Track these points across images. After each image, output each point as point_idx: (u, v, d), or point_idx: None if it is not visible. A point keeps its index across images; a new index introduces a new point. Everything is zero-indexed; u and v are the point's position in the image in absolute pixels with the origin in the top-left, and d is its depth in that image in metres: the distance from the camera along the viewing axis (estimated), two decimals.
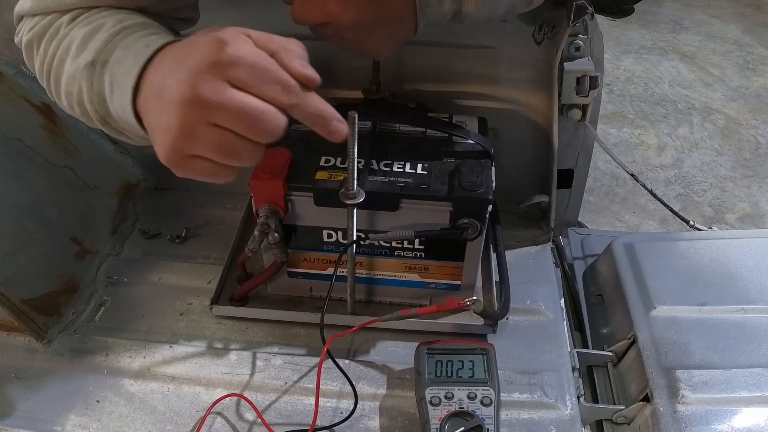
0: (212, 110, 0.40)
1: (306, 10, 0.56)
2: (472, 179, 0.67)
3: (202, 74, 0.39)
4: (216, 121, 0.40)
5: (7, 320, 0.76)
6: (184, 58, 0.42)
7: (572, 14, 0.70)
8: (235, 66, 0.40)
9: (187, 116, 0.40)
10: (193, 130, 0.40)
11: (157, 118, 0.42)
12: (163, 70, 0.43)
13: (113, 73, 0.48)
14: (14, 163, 0.82)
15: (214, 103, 0.39)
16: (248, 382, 0.73)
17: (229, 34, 0.41)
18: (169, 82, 0.41)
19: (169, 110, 0.40)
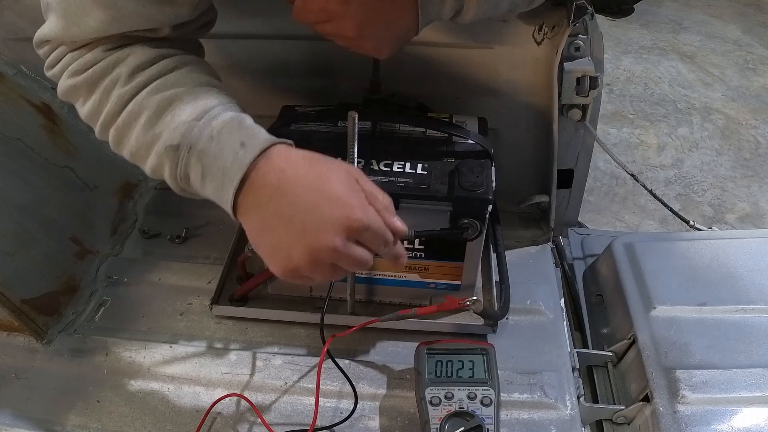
0: (339, 259, 0.51)
1: (307, 9, 0.56)
2: (472, 179, 0.67)
3: (337, 232, 0.50)
4: (337, 263, 0.52)
5: (7, 320, 0.76)
6: (314, 205, 0.50)
7: (572, 14, 0.70)
8: (363, 232, 0.51)
9: (317, 259, 0.51)
10: (317, 267, 0.51)
11: (281, 242, 0.51)
12: (288, 202, 0.51)
13: (205, 165, 0.53)
14: (14, 163, 0.82)
15: (342, 255, 0.51)
16: (248, 382, 0.73)
17: (354, 197, 0.52)
18: (304, 225, 0.50)
19: (302, 248, 0.50)
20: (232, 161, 0.51)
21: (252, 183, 0.51)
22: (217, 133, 0.53)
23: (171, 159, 0.54)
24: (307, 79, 0.88)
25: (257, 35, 0.84)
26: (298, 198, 0.51)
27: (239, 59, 0.86)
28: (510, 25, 0.78)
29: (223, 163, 0.52)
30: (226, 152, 0.52)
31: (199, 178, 0.54)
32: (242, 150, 0.52)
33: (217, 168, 0.52)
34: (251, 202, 0.52)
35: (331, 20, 0.56)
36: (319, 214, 0.50)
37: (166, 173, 0.55)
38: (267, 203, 0.51)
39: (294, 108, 0.78)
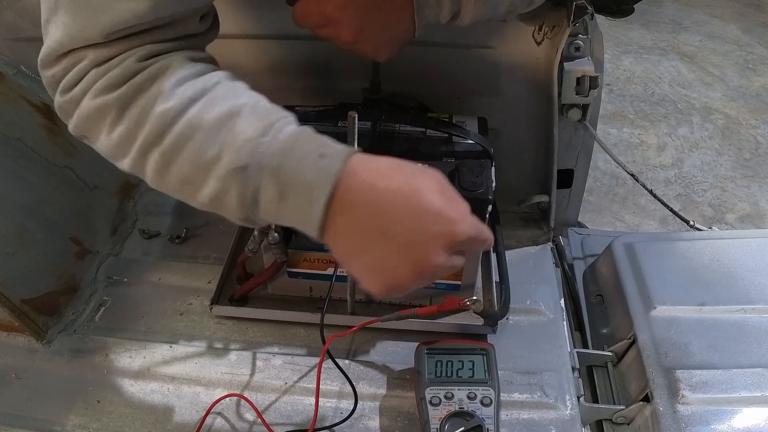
0: (443, 271, 0.49)
1: (306, 13, 0.56)
2: (472, 179, 0.67)
3: (444, 247, 0.48)
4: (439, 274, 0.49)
5: (7, 320, 0.76)
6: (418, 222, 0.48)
7: (572, 14, 0.70)
8: (465, 243, 0.49)
9: (423, 275, 0.48)
10: (421, 282, 0.49)
11: (382, 260, 0.48)
12: (388, 219, 0.47)
13: (284, 182, 0.47)
14: (15, 163, 0.82)
15: (447, 268, 0.49)
16: (248, 382, 0.73)
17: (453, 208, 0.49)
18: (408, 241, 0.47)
19: (408, 266, 0.48)
20: (316, 174, 0.46)
21: (341, 200, 0.47)
22: (289, 147, 0.47)
23: (239, 182, 0.47)
24: (307, 79, 0.88)
25: (257, 35, 0.84)
26: (398, 215, 0.47)
27: (239, 59, 0.86)
28: (510, 25, 0.78)
29: (304, 178, 0.46)
30: (307, 165, 0.47)
31: (275, 199, 0.47)
32: (323, 161, 0.47)
33: (299, 183, 0.46)
34: (343, 221, 0.47)
35: (329, 25, 0.56)
36: (424, 230, 0.48)
37: (233, 199, 0.48)
38: (363, 221, 0.47)
39: (294, 108, 0.78)
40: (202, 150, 0.48)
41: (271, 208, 0.48)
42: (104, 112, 0.49)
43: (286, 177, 0.47)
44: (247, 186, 0.47)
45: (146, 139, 0.48)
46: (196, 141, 0.48)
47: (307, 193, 0.46)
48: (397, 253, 0.48)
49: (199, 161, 0.48)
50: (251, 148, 0.47)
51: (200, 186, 0.49)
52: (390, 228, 0.47)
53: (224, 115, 0.48)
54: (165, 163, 0.49)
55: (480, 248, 0.54)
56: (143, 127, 0.48)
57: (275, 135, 0.48)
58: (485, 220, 0.68)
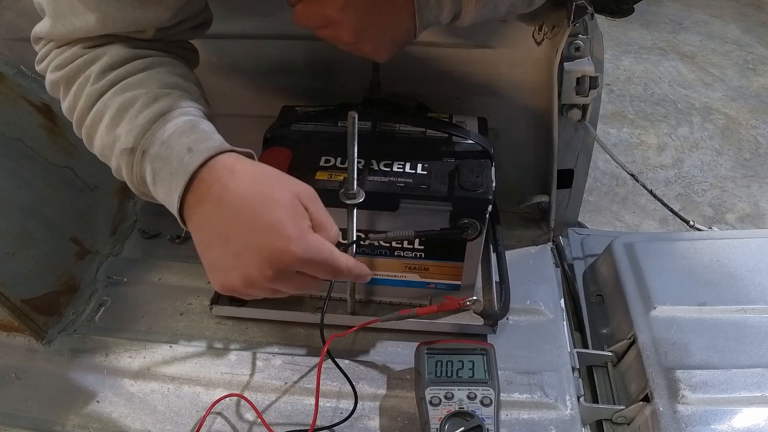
0: (275, 285, 0.50)
1: (306, 14, 0.56)
2: (472, 179, 0.67)
3: (269, 264, 0.48)
4: (275, 288, 0.50)
5: (7, 320, 0.76)
6: (250, 232, 0.48)
7: (572, 14, 0.70)
8: (301, 265, 0.49)
9: (253, 284, 0.49)
10: (254, 290, 0.50)
11: (218, 260, 0.50)
12: (226, 221, 0.49)
13: (156, 169, 0.52)
14: (15, 163, 0.82)
15: (278, 284, 0.50)
16: (248, 382, 0.73)
17: (293, 226, 0.48)
18: (238, 249, 0.49)
19: (236, 273, 0.49)
20: (177, 166, 0.50)
21: (195, 193, 0.50)
22: (167, 137, 0.52)
23: (126, 162, 0.53)
24: (307, 79, 0.88)
25: (257, 35, 0.84)
26: (235, 221, 0.49)
27: (239, 59, 0.86)
28: (510, 25, 0.78)
29: (170, 168, 0.51)
30: (174, 157, 0.51)
31: (151, 182, 0.53)
32: (188, 155, 0.50)
33: (165, 173, 0.51)
34: (195, 215, 0.51)
35: (330, 26, 0.56)
36: (252, 240, 0.48)
37: (125, 175, 0.55)
38: (209, 219, 0.50)
39: (294, 108, 0.78)
40: (109, 130, 0.54)
41: (152, 191, 0.54)
42: (57, 86, 0.58)
43: (158, 165, 0.52)
44: (133, 166, 0.53)
45: (78, 114, 0.56)
46: (104, 121, 0.54)
47: (169, 183, 0.51)
48: (229, 257, 0.49)
49: (107, 139, 0.55)
50: (137, 133, 0.52)
51: (109, 160, 0.56)
52: (226, 231, 0.49)
53: (129, 100, 0.54)
54: (89, 137, 0.57)
55: (331, 277, 0.52)
56: (77, 104, 0.56)
57: (163, 124, 0.52)
58: (485, 220, 0.68)
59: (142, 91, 0.54)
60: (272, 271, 0.48)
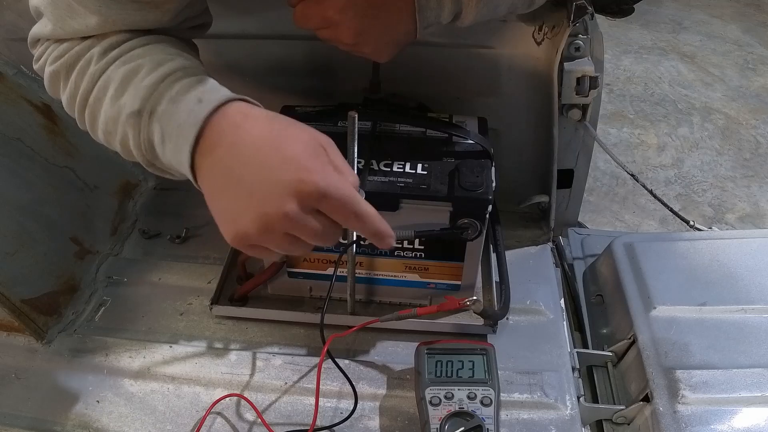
0: (292, 228, 0.46)
1: (306, 15, 0.56)
2: (472, 179, 0.67)
3: (288, 196, 0.44)
4: (293, 233, 0.46)
5: (7, 320, 0.76)
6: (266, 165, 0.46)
7: (572, 14, 0.70)
8: (321, 200, 0.45)
9: (268, 226, 0.45)
10: (269, 236, 0.46)
11: (231, 205, 0.47)
12: (240, 161, 0.46)
13: (164, 126, 0.49)
14: (14, 163, 0.82)
15: (296, 224, 0.45)
16: (248, 382, 0.73)
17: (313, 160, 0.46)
18: (253, 187, 0.45)
19: (251, 213, 0.45)
20: (186, 117, 0.48)
21: (207, 141, 0.47)
22: (176, 93, 0.50)
23: (133, 126, 0.51)
24: (307, 79, 0.88)
25: (257, 35, 0.84)
26: (250, 157, 0.46)
27: (239, 59, 0.86)
28: (510, 25, 0.78)
29: (178, 121, 0.48)
30: (182, 109, 0.49)
31: (159, 143, 0.50)
32: (198, 105, 0.48)
33: (173, 127, 0.48)
34: (206, 163, 0.48)
35: (330, 27, 0.56)
36: (269, 174, 0.45)
37: (131, 143, 0.52)
38: (219, 162, 0.47)
39: (294, 108, 0.78)
40: (113, 100, 0.52)
41: (160, 152, 0.51)
42: (57, 78, 0.56)
43: (166, 120, 0.49)
44: (140, 129, 0.51)
45: (81, 97, 0.55)
46: (109, 93, 0.53)
47: (177, 137, 0.48)
48: (243, 197, 0.46)
49: (112, 111, 0.53)
50: (144, 94, 0.50)
51: (114, 134, 0.53)
52: (239, 171, 0.46)
53: (132, 69, 0.52)
54: (93, 117, 0.55)
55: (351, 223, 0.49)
56: (80, 87, 0.55)
57: (171, 83, 0.51)
58: (485, 220, 0.68)
59: (146, 59, 0.53)
60: (291, 207, 0.45)
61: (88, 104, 0.55)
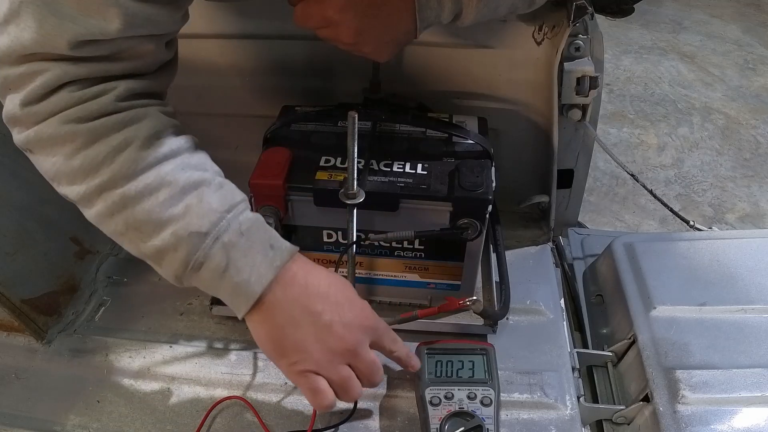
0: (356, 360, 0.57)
1: (306, 15, 0.56)
2: (472, 179, 0.67)
3: (361, 331, 0.57)
4: (354, 364, 0.57)
5: (7, 320, 0.76)
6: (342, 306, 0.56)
7: (572, 14, 0.70)
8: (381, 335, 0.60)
9: (336, 357, 0.55)
10: (333, 368, 0.56)
11: (306, 335, 0.55)
12: (317, 299, 0.55)
13: (233, 258, 0.53)
14: (14, 163, 0.82)
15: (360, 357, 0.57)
16: (248, 382, 0.73)
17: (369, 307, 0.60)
18: (333, 320, 0.55)
19: (324, 341, 0.55)
20: (262, 259, 0.53)
21: (280, 282, 0.54)
22: (246, 230, 0.54)
23: (192, 245, 0.52)
24: (307, 79, 0.88)
25: (257, 35, 0.84)
26: (325, 298, 0.55)
27: (239, 59, 0.86)
28: (510, 25, 0.78)
29: (252, 260, 0.53)
30: (256, 250, 0.53)
31: (219, 270, 0.53)
32: (272, 251, 0.54)
33: (245, 263, 0.53)
34: (277, 301, 0.54)
35: (330, 26, 0.56)
36: (345, 312, 0.56)
37: (178, 256, 0.52)
38: (297, 300, 0.54)
39: (294, 108, 0.78)
40: (165, 205, 0.51)
41: (209, 277, 0.53)
42: (69, 139, 0.50)
43: (236, 255, 0.53)
44: (197, 251, 0.52)
45: (111, 177, 0.50)
46: (161, 195, 0.51)
47: (248, 273, 0.53)
48: (321, 329, 0.55)
49: (159, 214, 0.51)
50: (214, 220, 0.52)
51: (149, 236, 0.52)
52: (317, 308, 0.55)
53: (194, 182, 0.53)
54: (121, 205, 0.51)
55: (396, 356, 0.63)
56: (109, 164, 0.50)
57: (236, 215, 0.54)
58: (485, 220, 0.68)
59: (206, 174, 0.54)
60: (362, 340, 0.56)
61: (120, 191, 0.51)
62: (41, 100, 0.49)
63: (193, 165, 0.54)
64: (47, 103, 0.49)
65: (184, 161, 0.54)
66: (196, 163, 0.55)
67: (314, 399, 0.55)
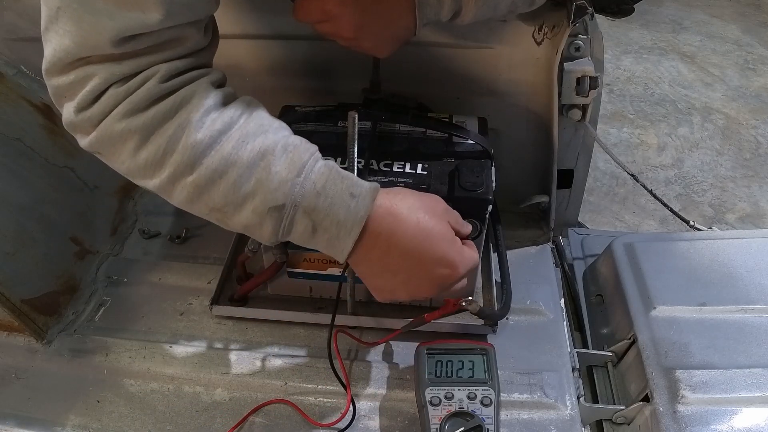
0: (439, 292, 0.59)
1: (307, 9, 0.56)
2: (472, 179, 0.67)
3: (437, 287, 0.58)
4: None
5: (7, 320, 0.76)
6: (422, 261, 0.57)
7: (572, 14, 0.70)
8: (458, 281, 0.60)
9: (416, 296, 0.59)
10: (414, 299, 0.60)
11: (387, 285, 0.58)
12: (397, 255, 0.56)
13: (317, 221, 0.53)
14: (14, 163, 0.82)
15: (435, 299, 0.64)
16: (248, 382, 0.73)
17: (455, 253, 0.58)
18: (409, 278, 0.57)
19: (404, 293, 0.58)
20: (345, 214, 0.53)
21: (368, 234, 0.54)
22: (321, 187, 0.52)
23: (274, 218, 0.52)
24: (307, 79, 0.88)
25: (257, 35, 0.84)
26: (405, 260, 0.56)
27: (239, 59, 0.86)
28: (510, 25, 0.78)
29: (336, 217, 0.53)
30: (338, 206, 0.53)
31: (308, 232, 0.54)
32: (353, 201, 0.53)
33: (330, 222, 0.53)
34: (363, 256, 0.55)
35: (330, 21, 0.56)
36: (423, 270, 0.57)
37: (267, 230, 0.53)
38: (378, 260, 0.56)
39: (294, 108, 0.78)
40: (237, 186, 0.51)
41: (303, 239, 0.55)
42: (128, 137, 0.49)
43: (319, 215, 0.53)
44: (282, 220, 0.53)
45: (177, 168, 0.50)
46: (230, 176, 0.50)
47: (337, 230, 0.53)
48: (399, 284, 0.57)
49: (234, 195, 0.51)
50: (287, 190, 0.51)
51: (232, 215, 0.53)
52: (395, 268, 0.56)
53: (258, 153, 0.51)
54: (197, 192, 0.51)
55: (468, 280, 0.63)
56: (171, 155, 0.50)
57: (307, 175, 0.52)
58: (485, 220, 0.68)
59: (266, 139, 0.52)
60: (437, 290, 0.58)
61: (192, 179, 0.50)
62: (93, 104, 0.49)
63: (252, 133, 0.52)
64: (98, 105, 0.49)
65: (242, 132, 0.51)
66: (255, 129, 0.52)
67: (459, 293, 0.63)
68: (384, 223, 0.54)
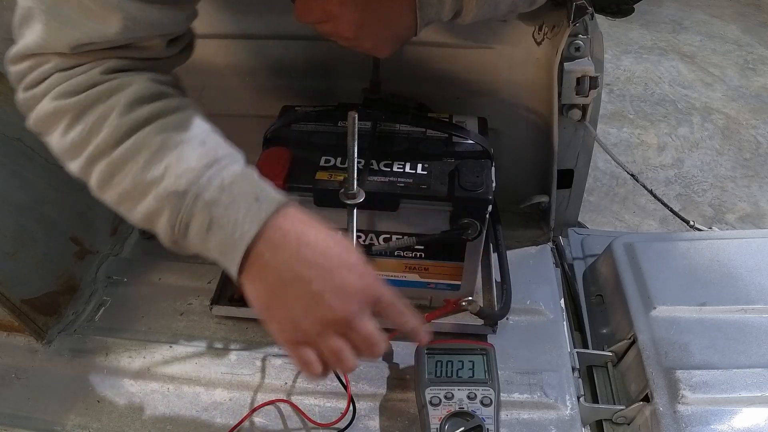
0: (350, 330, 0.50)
1: (307, 9, 0.56)
2: (472, 179, 0.67)
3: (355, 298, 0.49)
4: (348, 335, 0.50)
5: (7, 320, 0.76)
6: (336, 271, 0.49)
7: (572, 14, 0.70)
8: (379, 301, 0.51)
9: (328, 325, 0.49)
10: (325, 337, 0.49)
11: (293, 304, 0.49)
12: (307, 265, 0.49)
13: (215, 215, 0.49)
14: (14, 163, 0.82)
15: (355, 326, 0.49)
16: (248, 382, 0.73)
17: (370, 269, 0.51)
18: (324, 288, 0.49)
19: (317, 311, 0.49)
20: (245, 213, 0.49)
21: (268, 241, 0.49)
22: (228, 184, 0.49)
23: (173, 206, 0.49)
24: (307, 79, 0.88)
25: (257, 35, 0.84)
26: (320, 263, 0.49)
27: (239, 59, 0.86)
28: (510, 25, 0.78)
29: (234, 215, 0.48)
30: (239, 204, 0.49)
31: (203, 229, 0.49)
32: (257, 204, 0.49)
33: (227, 219, 0.49)
34: (268, 261, 0.49)
35: (331, 20, 0.56)
36: (338, 279, 0.49)
37: (163, 220, 0.50)
38: (287, 264, 0.49)
39: (294, 108, 0.78)
40: (146, 168, 0.49)
41: (197, 237, 0.50)
42: (60, 115, 0.51)
43: (218, 211, 0.49)
44: (179, 211, 0.49)
45: (97, 147, 0.50)
46: (141, 158, 0.49)
47: (231, 229, 0.48)
48: (310, 298, 0.49)
49: (142, 178, 0.50)
50: (192, 177, 0.49)
51: (137, 202, 0.51)
52: (307, 274, 0.49)
53: (173, 141, 0.50)
54: (109, 173, 0.51)
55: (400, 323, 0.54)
56: (95, 136, 0.50)
57: (219, 171, 0.50)
58: (485, 220, 0.68)
59: (185, 134, 0.51)
60: (355, 307, 0.49)
61: (107, 160, 0.50)
62: (38, 84, 0.51)
63: (174, 126, 0.51)
64: (42, 86, 0.51)
65: (165, 123, 0.51)
66: (179, 124, 0.51)
67: (303, 370, 0.51)
68: (294, 224, 0.50)
